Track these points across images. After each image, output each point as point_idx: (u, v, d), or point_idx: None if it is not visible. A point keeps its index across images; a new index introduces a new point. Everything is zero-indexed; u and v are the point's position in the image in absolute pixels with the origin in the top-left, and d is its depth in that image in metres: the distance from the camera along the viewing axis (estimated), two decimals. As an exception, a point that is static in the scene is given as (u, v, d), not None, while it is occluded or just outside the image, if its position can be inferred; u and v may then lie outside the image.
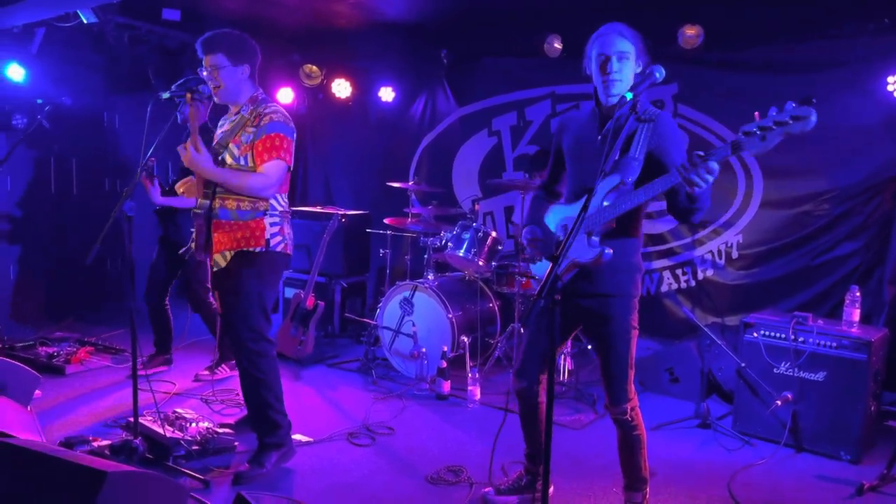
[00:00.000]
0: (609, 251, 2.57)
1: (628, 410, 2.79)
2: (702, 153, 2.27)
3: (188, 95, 3.15)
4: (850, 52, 4.50)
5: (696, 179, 2.29)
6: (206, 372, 4.68)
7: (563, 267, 2.63)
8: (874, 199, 4.49)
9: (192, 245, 3.38)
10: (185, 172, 4.22)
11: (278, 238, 3.35)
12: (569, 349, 4.91)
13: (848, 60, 4.50)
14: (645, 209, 2.75)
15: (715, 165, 2.28)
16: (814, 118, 2.06)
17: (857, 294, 4.03)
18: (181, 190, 3.44)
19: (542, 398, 2.94)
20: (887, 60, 4.35)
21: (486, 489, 3.21)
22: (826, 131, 4.62)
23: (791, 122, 2.08)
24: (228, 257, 3.29)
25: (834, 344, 3.76)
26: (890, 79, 4.33)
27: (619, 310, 2.74)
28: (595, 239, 2.61)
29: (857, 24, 4.43)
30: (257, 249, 3.28)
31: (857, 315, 4.00)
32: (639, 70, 2.69)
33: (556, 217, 2.87)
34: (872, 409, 3.78)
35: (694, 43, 4.81)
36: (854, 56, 4.48)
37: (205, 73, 3.27)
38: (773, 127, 2.11)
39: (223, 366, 4.73)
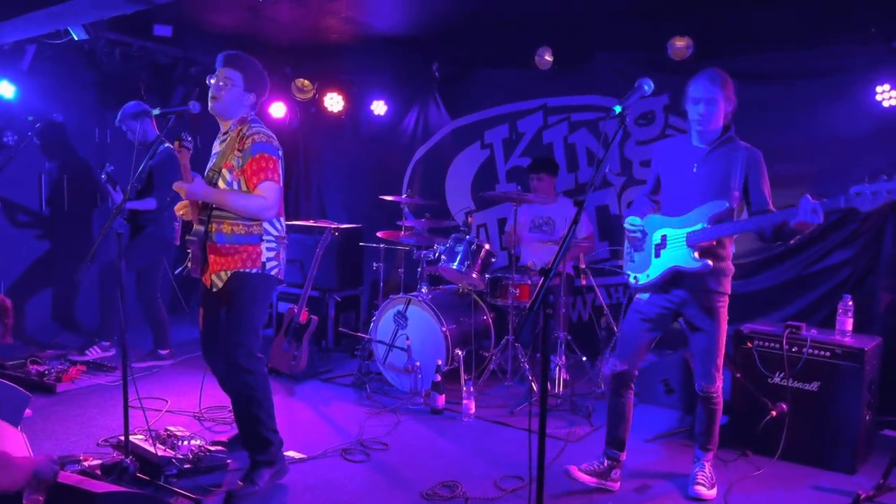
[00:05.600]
0: (710, 263, 3.18)
1: (717, 388, 3.37)
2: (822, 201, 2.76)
3: (176, 143, 3.21)
4: (837, 61, 4.53)
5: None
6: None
7: (668, 272, 3.27)
8: (865, 208, 4.51)
9: (188, 264, 3.42)
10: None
11: (273, 263, 3.39)
12: (563, 361, 4.91)
13: (836, 70, 4.53)
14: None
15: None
16: None
17: (850, 303, 4.03)
18: (181, 212, 3.46)
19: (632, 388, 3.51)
20: (875, 70, 4.38)
21: (570, 466, 3.43)
22: (816, 140, 4.65)
23: None
24: (224, 278, 3.31)
25: (827, 353, 3.76)
26: (878, 88, 4.37)
27: (721, 304, 3.32)
28: (697, 253, 3.18)
29: (845, 33, 4.46)
30: (253, 271, 3.32)
31: (849, 324, 4.00)
32: (728, 110, 3.26)
33: (655, 226, 3.37)
34: (867, 418, 3.77)
35: (683, 54, 4.84)
36: (842, 65, 4.52)
37: (212, 81, 3.30)
38: (884, 194, 2.66)
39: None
